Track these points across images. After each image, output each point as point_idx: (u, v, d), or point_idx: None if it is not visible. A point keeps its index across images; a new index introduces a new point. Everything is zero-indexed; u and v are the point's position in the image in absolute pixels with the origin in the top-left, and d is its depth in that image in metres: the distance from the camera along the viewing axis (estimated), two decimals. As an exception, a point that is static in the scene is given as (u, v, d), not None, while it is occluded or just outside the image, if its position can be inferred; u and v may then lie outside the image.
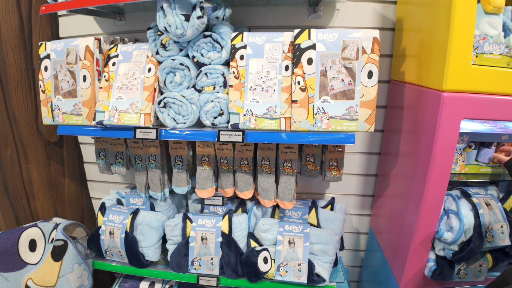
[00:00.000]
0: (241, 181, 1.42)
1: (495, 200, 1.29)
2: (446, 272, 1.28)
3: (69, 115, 1.36)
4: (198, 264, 1.44)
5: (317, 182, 1.70)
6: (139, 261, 1.50)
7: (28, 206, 1.76)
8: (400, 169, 1.40)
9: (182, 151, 1.43)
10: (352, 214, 1.76)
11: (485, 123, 1.40)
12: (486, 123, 1.41)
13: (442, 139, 1.12)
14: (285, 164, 1.37)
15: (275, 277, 1.37)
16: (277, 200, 1.42)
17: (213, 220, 1.44)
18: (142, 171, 1.52)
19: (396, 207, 1.43)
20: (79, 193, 1.92)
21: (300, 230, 1.40)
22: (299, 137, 1.18)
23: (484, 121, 1.42)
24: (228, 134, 1.19)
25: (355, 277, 1.94)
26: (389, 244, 1.48)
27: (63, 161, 1.80)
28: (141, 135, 1.27)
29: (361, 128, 1.15)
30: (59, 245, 1.49)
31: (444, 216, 1.29)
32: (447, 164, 1.16)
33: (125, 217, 1.50)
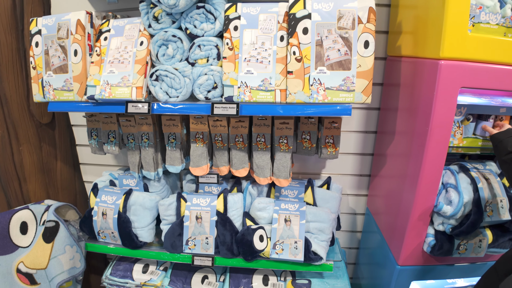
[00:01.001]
0: (236, 158, 1.40)
1: (494, 175, 1.28)
2: (446, 247, 1.26)
3: (60, 91, 1.33)
4: (193, 244, 1.41)
5: (313, 162, 1.68)
6: (133, 242, 1.47)
7: (20, 190, 1.73)
8: (397, 146, 1.38)
9: (175, 128, 1.40)
10: (348, 194, 1.74)
11: (483, 97, 1.39)
12: (484, 97, 1.40)
13: (440, 109, 1.10)
14: (280, 141, 1.35)
15: (271, 255, 1.35)
16: (273, 178, 1.40)
17: (208, 199, 1.41)
18: (135, 150, 1.49)
19: (393, 184, 1.41)
20: (71, 177, 1.88)
21: (296, 208, 1.38)
22: (295, 109, 1.16)
23: (481, 95, 1.41)
24: (222, 107, 1.17)
25: (351, 259, 1.93)
26: (387, 223, 1.47)
27: (55, 143, 1.77)
28: (133, 109, 1.24)
29: (358, 99, 1.13)
30: (50, 226, 1.46)
31: (442, 190, 1.27)
32: (445, 136, 1.14)
33: (118, 198, 1.47)
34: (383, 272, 1.47)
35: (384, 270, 1.46)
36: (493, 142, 1.16)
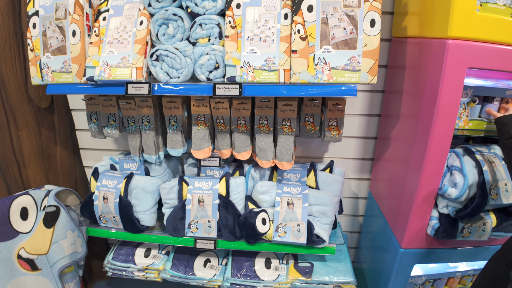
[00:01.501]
0: (238, 141, 1.38)
1: (499, 159, 1.27)
2: (450, 230, 1.25)
3: (59, 73, 1.30)
4: (195, 227, 1.41)
5: (315, 145, 1.66)
6: (134, 226, 1.46)
7: (19, 175, 1.71)
8: (401, 129, 1.37)
9: (176, 111, 1.38)
10: (351, 178, 1.73)
11: (489, 80, 1.37)
12: (490, 80, 1.38)
13: (447, 90, 1.09)
14: (283, 123, 1.33)
15: (273, 238, 1.34)
16: (275, 161, 1.38)
17: (210, 183, 1.40)
18: (135, 134, 1.47)
19: (397, 168, 1.40)
20: (71, 162, 1.86)
21: (299, 191, 1.36)
22: (299, 90, 1.13)
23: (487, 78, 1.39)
24: (225, 88, 1.14)
25: (353, 243, 1.93)
26: (390, 207, 1.46)
27: (54, 128, 1.75)
28: (133, 90, 1.22)
29: (364, 79, 1.11)
30: (51, 211, 1.45)
31: (447, 173, 1.26)
32: (451, 117, 1.12)
33: (119, 182, 1.46)
34: (385, 255, 1.48)
35: (386, 254, 1.46)
36: (497, 125, 1.15)
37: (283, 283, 1.45)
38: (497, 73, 1.44)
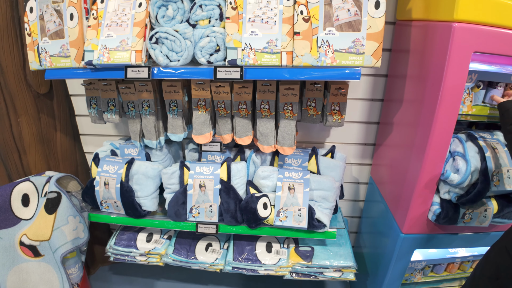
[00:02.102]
0: (239, 126, 1.37)
1: (502, 145, 1.26)
2: (451, 216, 1.25)
3: (57, 58, 1.28)
4: (197, 212, 1.41)
5: (317, 131, 1.65)
6: (136, 211, 1.46)
7: (20, 162, 1.71)
8: (405, 113, 1.35)
9: (176, 95, 1.36)
10: (352, 163, 1.73)
11: (494, 66, 1.35)
12: (495, 65, 1.36)
13: (452, 74, 1.07)
14: (285, 108, 1.31)
15: (275, 223, 1.35)
16: (277, 146, 1.37)
17: (211, 168, 1.39)
18: (135, 119, 1.45)
19: (400, 153, 1.39)
20: (72, 148, 1.86)
21: (300, 176, 1.36)
22: (302, 73, 1.11)
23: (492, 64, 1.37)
24: (226, 71, 1.12)
25: (354, 228, 1.94)
26: (392, 192, 1.46)
27: (54, 114, 1.73)
28: (132, 74, 1.20)
29: (368, 62, 1.08)
30: (52, 197, 1.45)
31: (450, 158, 1.25)
32: (455, 102, 1.11)
33: (120, 167, 1.45)
34: (386, 240, 1.48)
35: (387, 239, 1.47)
36: (500, 110, 1.13)
37: (284, 267, 1.47)
38: (502, 58, 1.42)
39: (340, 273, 1.48)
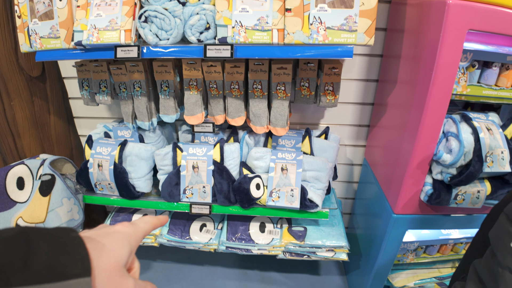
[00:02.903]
0: (232, 107, 1.36)
1: (496, 126, 1.24)
2: (443, 197, 1.25)
3: (47, 39, 1.26)
4: (190, 193, 1.42)
5: (311, 112, 1.64)
6: (130, 192, 1.47)
7: (14, 146, 1.70)
8: (399, 94, 1.34)
9: (168, 75, 1.34)
10: (346, 145, 1.72)
11: (490, 46, 1.33)
12: (491, 45, 1.34)
13: (445, 52, 1.05)
14: (278, 88, 1.30)
15: (267, 203, 1.36)
16: (270, 127, 1.37)
17: (204, 149, 1.39)
18: (127, 100, 1.44)
19: (393, 133, 1.38)
20: (66, 131, 1.85)
21: (293, 157, 1.36)
22: (294, 51, 1.09)
23: (488, 44, 1.34)
24: (216, 49, 1.10)
25: (347, 210, 1.96)
26: (385, 173, 1.46)
27: (47, 97, 1.72)
28: (122, 54, 1.18)
29: (360, 40, 1.06)
30: (46, 180, 1.45)
31: (443, 139, 1.25)
32: (449, 81, 1.09)
33: (113, 149, 1.45)
34: (378, 221, 1.49)
35: (379, 219, 1.48)
36: None
37: (277, 246, 1.48)
38: (498, 38, 1.40)
39: (333, 253, 1.49)
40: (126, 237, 0.42)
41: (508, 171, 1.19)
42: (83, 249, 0.34)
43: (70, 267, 0.32)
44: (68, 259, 0.32)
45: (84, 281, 0.32)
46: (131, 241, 0.42)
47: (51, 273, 0.31)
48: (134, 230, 0.45)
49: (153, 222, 0.49)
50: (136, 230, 0.45)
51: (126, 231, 0.43)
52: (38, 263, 0.30)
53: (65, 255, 0.32)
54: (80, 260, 0.33)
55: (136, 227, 0.45)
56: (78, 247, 0.34)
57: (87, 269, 0.33)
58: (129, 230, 0.44)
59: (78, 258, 0.33)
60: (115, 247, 0.39)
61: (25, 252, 0.30)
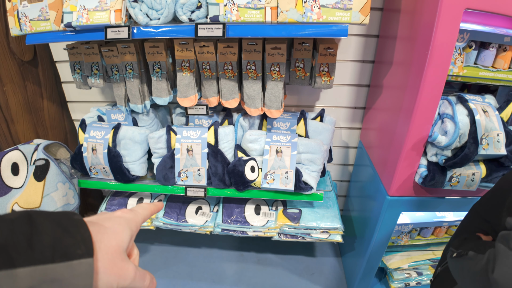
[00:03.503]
0: (225, 88, 1.34)
1: (493, 108, 1.23)
2: (438, 179, 1.25)
3: (36, 22, 1.23)
4: (185, 176, 1.41)
5: (307, 94, 1.62)
6: (125, 176, 1.47)
7: (8, 132, 1.69)
8: (395, 75, 1.32)
9: (160, 56, 1.32)
10: (342, 127, 1.71)
11: (487, 26, 1.30)
12: (488, 26, 1.31)
13: (442, 31, 1.02)
14: (272, 69, 1.28)
15: (262, 185, 1.36)
16: (264, 109, 1.35)
17: (198, 132, 1.38)
18: (120, 83, 1.42)
19: (389, 115, 1.37)
20: (60, 115, 1.84)
21: (288, 140, 1.35)
22: (287, 30, 1.06)
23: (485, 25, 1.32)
24: (207, 28, 1.08)
25: (343, 192, 1.97)
26: (380, 155, 1.46)
27: (40, 81, 1.70)
28: (112, 35, 1.15)
29: (355, 19, 1.04)
30: (41, 165, 1.45)
31: (438, 120, 1.24)
32: (445, 61, 1.07)
33: (107, 132, 1.44)
34: (373, 203, 1.50)
35: (374, 202, 1.49)
36: None
37: (272, 228, 1.50)
38: (495, 19, 1.36)
39: (327, 234, 1.51)
40: (127, 221, 0.43)
41: (504, 154, 1.18)
42: (85, 230, 0.34)
43: (73, 248, 0.32)
44: (71, 240, 0.33)
45: (87, 262, 0.33)
46: (131, 225, 0.43)
47: (54, 253, 0.31)
48: (134, 215, 0.45)
49: (151, 208, 0.50)
50: (136, 215, 0.46)
51: (127, 216, 0.44)
52: (42, 244, 0.31)
53: (68, 237, 0.33)
54: (83, 241, 0.33)
55: (135, 213, 0.46)
56: (80, 229, 0.34)
57: (89, 250, 0.33)
58: (130, 216, 0.45)
59: (80, 239, 0.33)
60: (117, 230, 0.40)
61: (29, 233, 0.31)
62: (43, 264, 0.30)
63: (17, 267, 0.29)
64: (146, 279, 0.42)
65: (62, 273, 0.31)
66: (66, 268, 0.31)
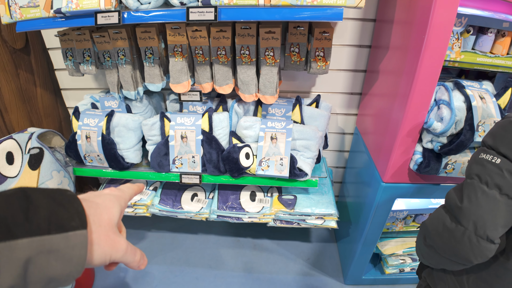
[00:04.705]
0: (219, 74, 1.32)
1: (490, 95, 1.21)
2: (433, 166, 1.25)
3: (26, 9, 1.20)
4: (180, 163, 1.41)
5: (303, 79, 1.60)
6: (119, 163, 1.46)
7: (2, 121, 1.67)
8: (391, 60, 1.30)
9: (152, 41, 1.29)
10: (338, 113, 1.70)
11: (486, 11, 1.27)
12: (487, 11, 1.28)
13: (439, 15, 1.00)
14: (266, 53, 1.26)
15: (257, 172, 1.35)
16: (258, 95, 1.34)
17: (192, 119, 1.37)
18: (112, 69, 1.40)
19: (385, 101, 1.36)
20: (54, 103, 1.82)
21: (283, 126, 1.34)
22: (280, 13, 1.04)
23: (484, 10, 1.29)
24: (199, 12, 1.05)
25: (338, 178, 1.97)
26: (375, 141, 1.45)
27: (32, 69, 1.67)
28: (102, 20, 1.13)
29: (350, 2, 1.01)
30: (35, 153, 1.44)
31: (434, 107, 1.22)
32: (442, 45, 1.06)
33: (100, 120, 1.43)
34: (368, 190, 1.50)
35: (369, 188, 1.49)
36: None
37: (267, 214, 1.50)
38: (494, 4, 1.33)
39: (322, 220, 1.52)
40: (116, 198, 0.45)
41: None
42: (78, 204, 0.36)
43: (68, 220, 0.34)
44: (65, 213, 0.34)
45: (81, 233, 0.35)
46: (120, 201, 0.46)
47: (50, 225, 0.33)
48: (122, 193, 0.48)
49: (134, 188, 0.53)
50: (123, 193, 0.49)
51: (115, 193, 0.47)
52: (38, 217, 0.33)
53: (63, 210, 0.35)
54: (77, 214, 0.35)
55: (122, 191, 0.49)
56: (74, 203, 0.36)
57: (83, 222, 0.35)
58: (118, 193, 0.47)
59: (74, 212, 0.35)
60: (108, 205, 0.42)
61: (26, 207, 0.32)
62: (40, 235, 0.32)
63: (16, 239, 0.30)
64: (137, 254, 0.44)
65: (58, 243, 0.33)
66: (62, 239, 0.33)
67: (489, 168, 0.72)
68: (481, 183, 0.74)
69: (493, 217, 0.71)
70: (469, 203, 0.74)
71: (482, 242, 0.72)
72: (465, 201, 0.75)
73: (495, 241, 0.72)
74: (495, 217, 0.70)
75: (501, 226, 0.71)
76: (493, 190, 0.71)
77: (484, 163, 0.74)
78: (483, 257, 0.73)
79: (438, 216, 0.84)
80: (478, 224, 0.72)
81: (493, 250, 0.72)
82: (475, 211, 0.73)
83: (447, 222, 0.79)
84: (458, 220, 0.76)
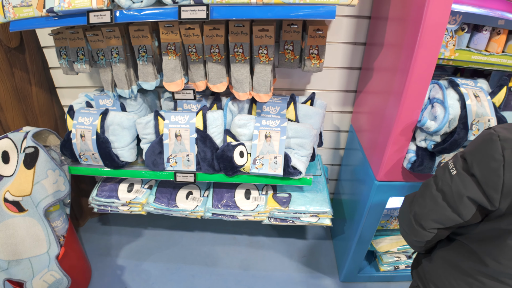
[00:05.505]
0: (212, 72, 1.31)
1: (485, 93, 1.21)
2: (426, 164, 1.24)
3: (19, 8, 1.21)
4: (174, 161, 1.41)
5: (297, 77, 1.60)
6: (114, 162, 1.46)
7: (-3, 120, 1.67)
8: (386, 57, 1.29)
9: (145, 40, 1.29)
10: (333, 111, 1.70)
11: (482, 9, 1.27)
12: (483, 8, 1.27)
13: (433, 12, 1.00)
14: (260, 51, 1.25)
15: (251, 170, 1.36)
16: (252, 93, 1.33)
17: (186, 117, 1.37)
18: (106, 67, 1.40)
19: (379, 99, 1.36)
20: (49, 102, 1.81)
21: (277, 124, 1.34)
22: (273, 11, 1.03)
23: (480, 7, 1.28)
24: (191, 10, 1.05)
25: (334, 176, 1.97)
26: (369, 139, 1.45)
27: (27, 68, 1.67)
28: (95, 19, 1.12)
29: (343, 0, 1.01)
30: (30, 152, 1.44)
31: (428, 105, 1.22)
32: (436, 43, 1.05)
33: (95, 118, 1.42)
34: (362, 188, 1.50)
35: (363, 186, 1.49)
36: None
37: (262, 212, 1.51)
38: (489, 1, 1.32)
39: (317, 218, 1.52)
40: None
41: None
42: None
43: None
44: None
45: None
46: None
47: None
48: None
49: None
50: None
51: None
52: None
53: None
54: None
55: None
56: None
57: None
58: None
59: None
60: None
61: None
62: None
63: None
64: None
65: None
66: None
67: (445, 175, 0.85)
68: (434, 183, 0.89)
69: (429, 212, 0.89)
70: (420, 197, 0.93)
71: (417, 227, 0.93)
72: (419, 193, 0.96)
73: (427, 229, 0.91)
74: (431, 213, 0.88)
75: (433, 221, 0.88)
76: (439, 193, 0.86)
77: (445, 169, 0.87)
78: (417, 237, 0.95)
79: (411, 196, 1.04)
80: (417, 214, 0.93)
81: (427, 236, 0.92)
82: (421, 203, 0.92)
83: (406, 204, 1.02)
84: (411, 205, 0.97)
